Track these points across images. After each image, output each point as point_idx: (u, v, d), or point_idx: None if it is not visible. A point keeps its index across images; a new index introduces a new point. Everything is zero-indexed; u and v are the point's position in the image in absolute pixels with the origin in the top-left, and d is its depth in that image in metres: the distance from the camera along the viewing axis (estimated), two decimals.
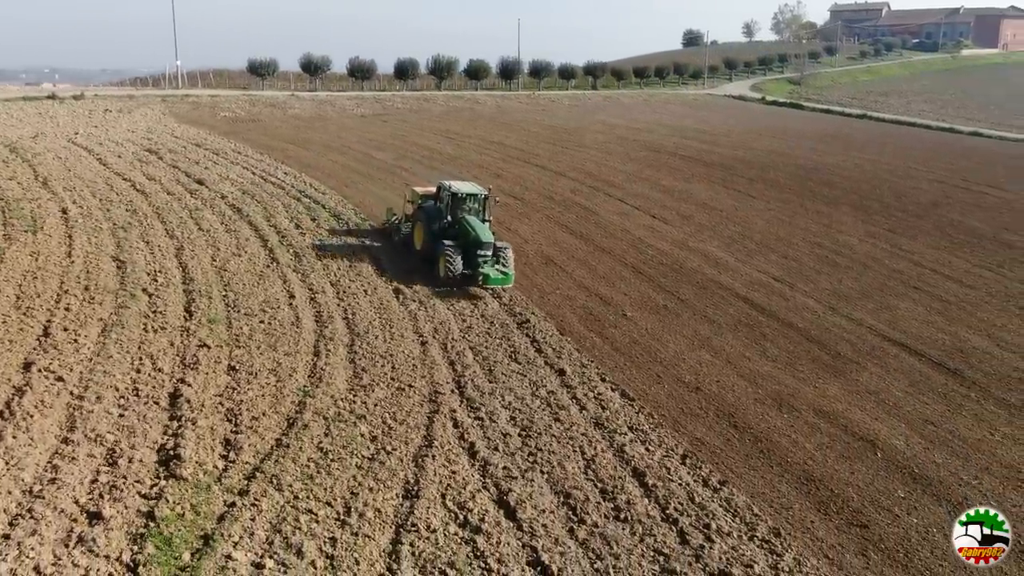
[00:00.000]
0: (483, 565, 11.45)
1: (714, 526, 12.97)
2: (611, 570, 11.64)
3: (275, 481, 12.93)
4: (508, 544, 12.00)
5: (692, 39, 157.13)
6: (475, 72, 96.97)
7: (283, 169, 39.97)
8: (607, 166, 46.13)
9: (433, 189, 27.39)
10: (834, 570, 12.24)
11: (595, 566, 11.74)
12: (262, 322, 20.13)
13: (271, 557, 10.99)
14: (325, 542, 11.56)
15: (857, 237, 33.21)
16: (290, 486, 12.87)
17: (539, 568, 11.55)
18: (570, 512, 13.13)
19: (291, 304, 21.63)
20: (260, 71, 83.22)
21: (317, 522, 12.01)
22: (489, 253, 24.36)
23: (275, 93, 76.44)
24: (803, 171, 47.49)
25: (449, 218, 25.57)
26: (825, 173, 46.94)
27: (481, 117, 68.03)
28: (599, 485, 14.03)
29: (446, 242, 24.38)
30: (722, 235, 32.55)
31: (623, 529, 12.74)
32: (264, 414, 15.30)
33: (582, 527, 12.71)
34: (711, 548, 12.36)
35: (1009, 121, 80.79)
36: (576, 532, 12.58)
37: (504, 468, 14.25)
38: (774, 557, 12.34)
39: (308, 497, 12.65)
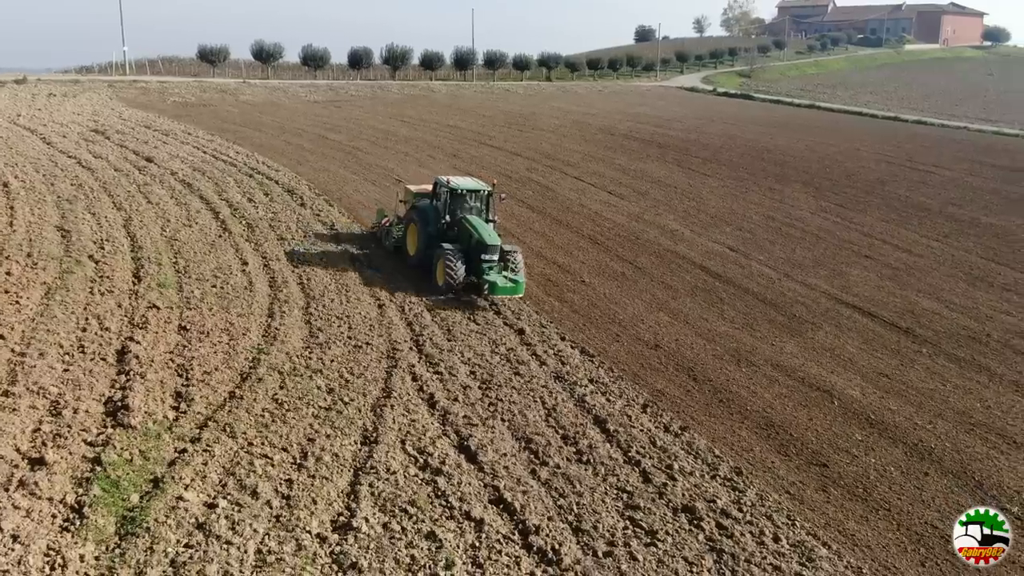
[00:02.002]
0: (444, 503, 11.26)
1: (676, 467, 12.97)
2: (574, 507, 11.54)
3: (228, 429, 12.56)
4: (470, 484, 11.82)
5: (644, 34, 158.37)
6: (430, 62, 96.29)
7: (235, 149, 39.08)
8: (563, 147, 46.11)
9: (428, 187, 23.92)
10: (796, 504, 12.31)
11: (558, 503, 11.63)
12: (214, 286, 19.63)
13: (224, 498, 10.64)
14: (281, 484, 11.25)
15: (809, 211, 33.69)
16: (244, 434, 12.51)
17: (501, 506, 11.40)
18: (532, 456, 13.01)
19: (244, 270, 21.14)
20: (211, 58, 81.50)
21: (272, 466, 11.70)
22: (495, 258, 20.82)
23: (226, 80, 74.91)
24: (755, 152, 48.07)
25: (448, 218, 21.97)
26: (777, 154, 47.57)
27: (436, 104, 67.53)
28: (560, 432, 13.95)
29: (445, 245, 20.96)
30: (677, 210, 32.74)
31: (586, 470, 12.66)
32: (216, 369, 14.87)
33: (544, 468, 12.59)
34: (674, 486, 12.35)
35: (950, 111, 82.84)
36: (538, 473, 12.46)
37: (464, 417, 14.07)
38: (736, 493, 12.37)
39: (263, 444, 12.31)
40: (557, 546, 10.44)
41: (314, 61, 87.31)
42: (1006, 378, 17.90)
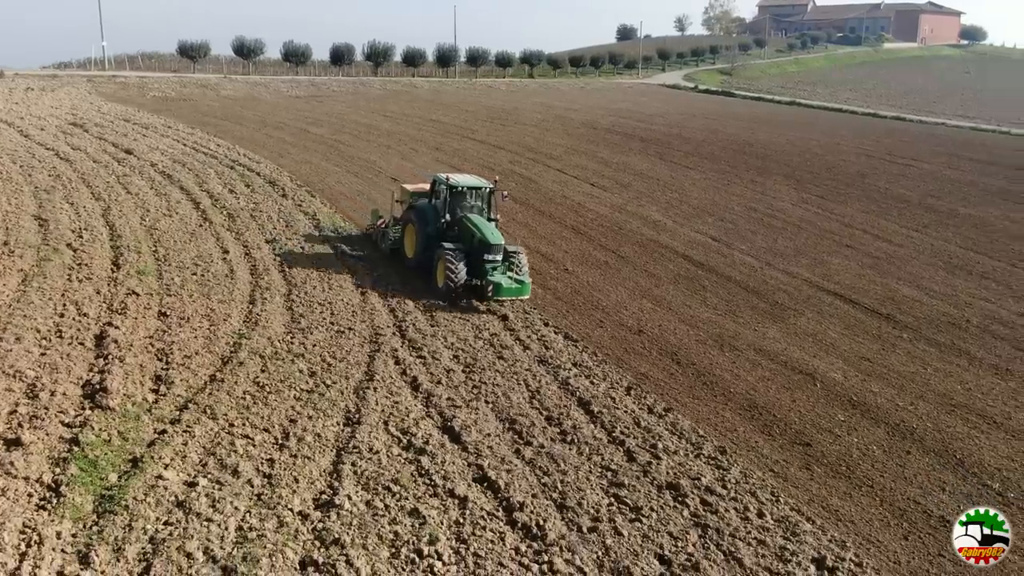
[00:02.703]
0: (428, 482, 11.18)
1: (661, 446, 12.96)
2: (559, 484, 11.50)
3: (209, 411, 12.43)
4: (453, 463, 11.75)
5: (626, 33, 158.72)
6: (412, 59, 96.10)
7: (216, 141, 38.80)
8: (545, 141, 46.11)
9: (426, 186, 22.75)
10: (780, 481, 12.33)
11: (542, 481, 11.59)
12: (195, 274, 19.45)
13: (205, 477, 10.52)
14: (262, 463, 11.14)
15: (790, 203, 33.86)
16: (225, 415, 12.39)
17: (485, 484, 11.34)
18: (516, 436, 12.96)
19: (225, 259, 20.97)
20: (191, 54, 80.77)
21: (254, 446, 11.58)
22: (499, 258, 19.78)
23: (207, 76, 74.32)
24: (737, 146, 48.28)
25: (448, 217, 20.83)
26: (758, 148, 47.80)
27: (419, 99, 67.36)
28: (544, 413, 13.91)
29: (446, 245, 19.84)
30: (660, 201, 32.80)
31: (570, 450, 12.62)
32: (197, 353, 14.73)
33: (528, 448, 12.55)
34: (658, 464, 12.33)
35: (928, 108, 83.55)
36: (522, 452, 12.41)
37: (448, 399, 14.00)
38: (720, 471, 12.37)
39: (244, 424, 12.20)
40: (542, 522, 10.40)
41: (295, 57, 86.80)
42: (985, 361, 18.04)
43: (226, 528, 9.46)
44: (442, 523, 10.19)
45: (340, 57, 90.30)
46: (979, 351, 18.63)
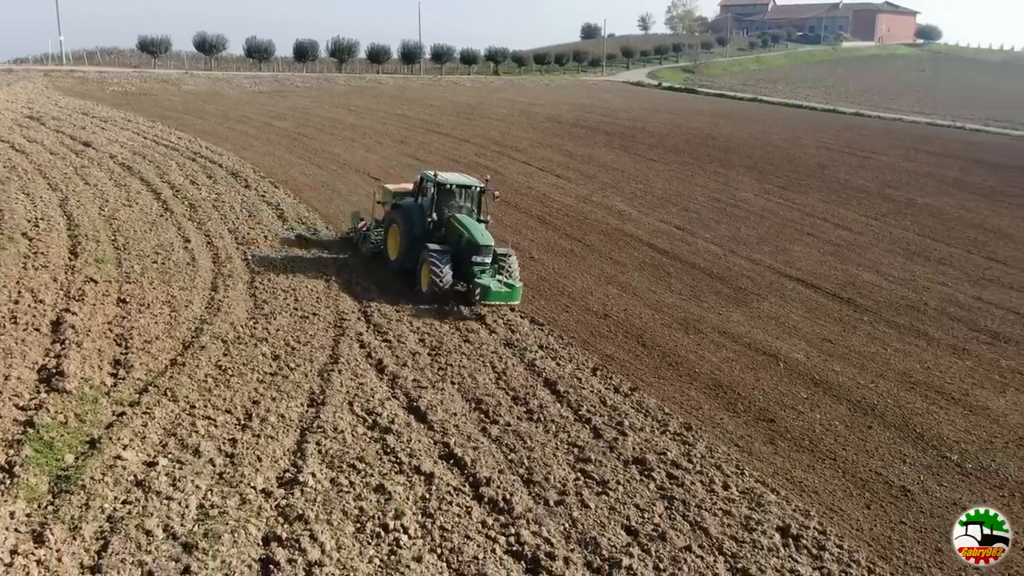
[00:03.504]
0: (394, 459, 11.10)
1: (627, 423, 13.00)
2: (525, 460, 11.48)
3: (169, 394, 12.21)
4: (419, 442, 11.68)
5: (590, 32, 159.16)
6: (376, 56, 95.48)
7: (177, 134, 38.23)
8: (511, 135, 46.13)
9: (409, 187, 21.61)
10: (744, 456, 12.44)
11: (509, 457, 11.56)
12: (155, 262, 19.12)
13: (165, 456, 10.32)
14: (224, 443, 10.96)
15: (752, 193, 34.25)
16: (186, 398, 12.17)
17: (452, 461, 11.29)
18: (482, 415, 12.93)
19: (186, 247, 20.64)
20: (151, 49, 79.43)
21: (216, 427, 11.40)
22: (488, 260, 18.56)
23: (168, 71, 73.21)
24: (700, 139, 48.75)
25: (435, 217, 19.52)
26: (721, 141, 48.30)
27: (383, 95, 66.99)
28: (511, 393, 13.89)
29: (431, 246, 18.61)
30: (624, 192, 32.98)
31: (536, 428, 12.62)
32: (157, 338, 14.47)
33: (495, 426, 12.52)
34: (624, 440, 12.37)
35: (886, 104, 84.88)
36: (489, 430, 12.38)
37: (414, 380, 13.92)
38: (686, 447, 12.44)
39: (206, 406, 12.00)
40: (508, 496, 10.37)
41: (259, 53, 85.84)
42: (943, 342, 18.39)
43: (187, 506, 9.29)
44: (408, 499, 10.11)
45: (304, 54, 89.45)
46: (937, 332, 18.99)
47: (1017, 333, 19.14)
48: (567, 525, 9.96)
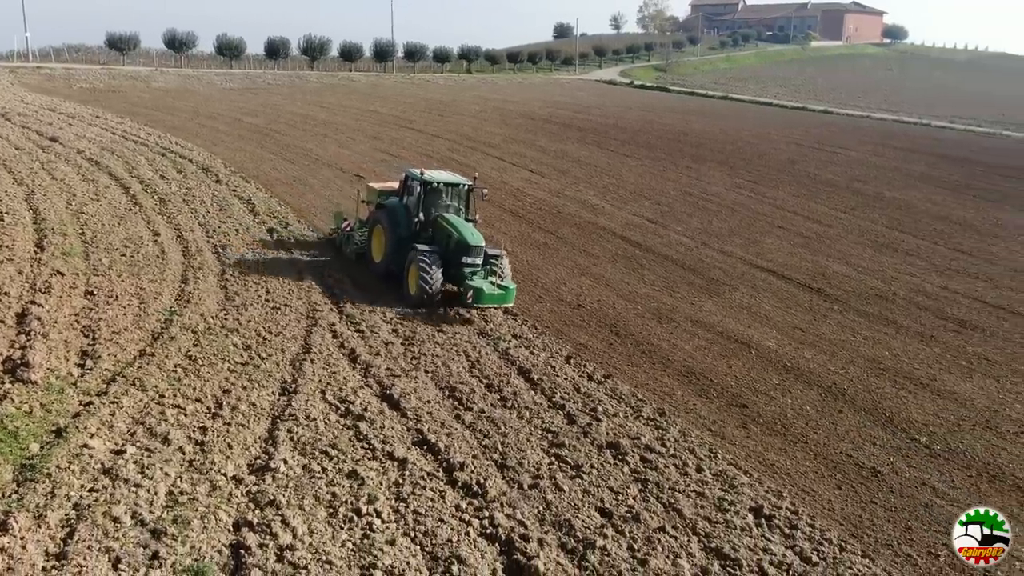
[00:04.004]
0: (367, 446, 11.02)
1: (600, 409, 13.03)
2: (499, 446, 11.46)
3: (138, 383, 12.02)
4: (393, 428, 11.62)
5: (563, 31, 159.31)
6: (349, 54, 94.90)
7: (146, 130, 37.73)
8: (484, 131, 46.06)
9: (395, 185, 20.69)
10: (717, 439, 12.51)
11: (483, 443, 11.53)
12: (123, 255, 18.84)
13: (133, 445, 10.15)
14: (194, 431, 10.81)
15: (724, 187, 34.51)
16: (155, 387, 11.99)
17: (425, 447, 11.24)
18: (456, 403, 12.90)
19: (156, 241, 20.38)
20: (120, 46, 78.19)
21: (185, 415, 11.24)
22: (479, 261, 17.79)
23: (137, 68, 72.17)
24: (672, 135, 49.03)
25: (421, 216, 18.63)
26: (693, 137, 48.62)
27: (356, 92, 66.63)
28: (484, 381, 13.88)
29: (419, 247, 17.70)
30: (597, 186, 33.07)
31: (510, 414, 12.61)
32: (126, 329, 14.25)
33: (468, 413, 12.50)
34: (599, 426, 12.40)
35: (854, 102, 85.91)
36: (462, 417, 12.35)
37: (387, 369, 13.85)
38: (660, 431, 12.49)
39: (175, 395, 11.83)
40: (482, 480, 10.34)
41: (230, 51, 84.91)
42: (911, 330, 18.64)
43: (155, 493, 9.15)
44: (381, 484, 10.05)
45: (276, 51, 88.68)
46: (905, 320, 19.25)
47: (983, 321, 19.46)
48: (541, 508, 9.95)
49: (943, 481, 11.74)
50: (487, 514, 9.63)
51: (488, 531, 9.32)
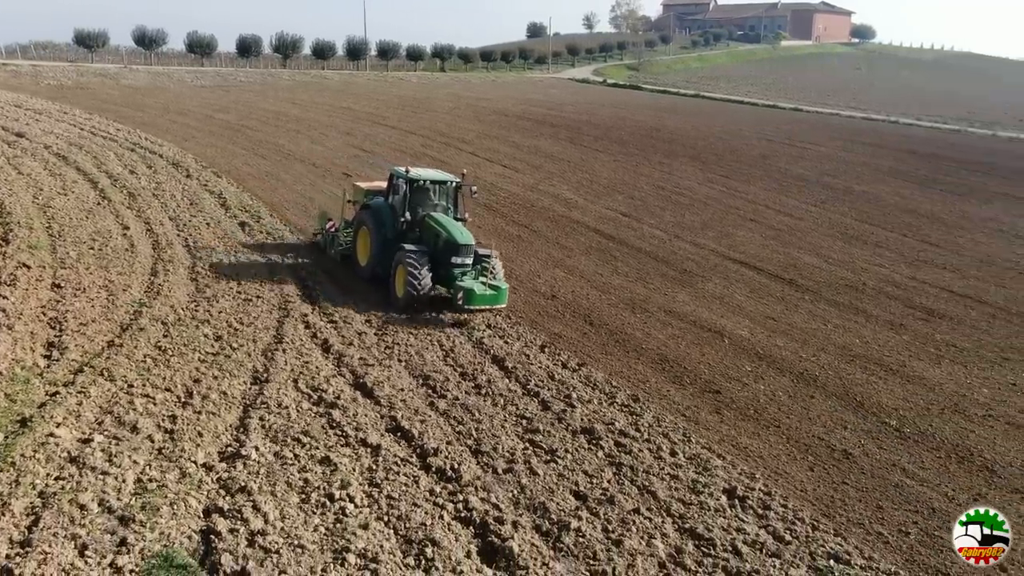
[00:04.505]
0: (340, 433, 10.94)
1: (575, 396, 13.05)
2: (473, 432, 11.43)
3: (106, 374, 11.83)
4: (366, 416, 11.54)
5: (536, 31, 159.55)
6: (321, 52, 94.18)
7: (115, 126, 37.19)
8: (457, 127, 45.97)
9: (382, 185, 19.87)
10: (691, 424, 12.56)
11: (456, 429, 11.49)
12: (92, 248, 18.55)
13: (101, 434, 9.99)
14: (164, 420, 10.66)
15: (696, 182, 34.72)
16: (123, 377, 11.82)
17: (399, 433, 11.18)
18: (430, 391, 12.85)
19: (125, 234, 20.10)
20: (88, 43, 76.80)
21: (155, 404, 11.08)
22: (469, 261, 17.15)
23: (106, 66, 71.08)
24: (645, 131, 49.25)
25: (408, 216, 17.96)
26: (665, 133, 48.89)
27: (329, 89, 66.15)
28: (459, 370, 13.85)
29: (406, 247, 16.96)
30: (571, 181, 33.13)
31: (485, 401, 12.58)
32: (94, 321, 14.03)
33: (442, 401, 12.45)
34: (573, 412, 12.41)
35: (823, 100, 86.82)
36: (436, 404, 12.30)
37: (360, 359, 13.76)
38: (634, 417, 12.52)
39: (144, 385, 11.66)
40: (456, 465, 10.29)
41: (201, 49, 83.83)
42: (881, 318, 18.87)
43: (123, 480, 9.00)
44: (354, 470, 9.97)
45: (247, 49, 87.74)
46: (875, 309, 19.48)
47: (950, 309, 19.74)
48: (516, 492, 9.93)
49: (913, 462, 11.88)
50: (461, 498, 9.59)
51: (462, 514, 9.28)
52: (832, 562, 9.10)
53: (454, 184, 18.80)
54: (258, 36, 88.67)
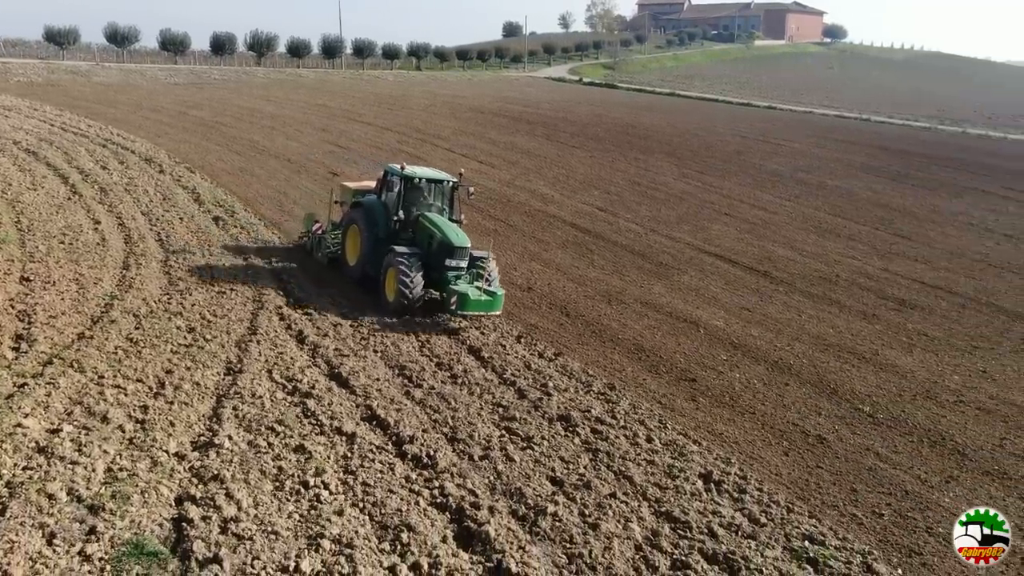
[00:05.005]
0: (314, 422, 10.84)
1: (551, 384, 13.05)
2: (449, 420, 11.39)
3: (76, 365, 11.65)
4: (341, 405, 11.45)
5: (512, 30, 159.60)
6: (297, 50, 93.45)
7: (87, 122, 36.69)
8: (433, 124, 45.85)
9: (371, 184, 19.19)
10: (667, 412, 12.61)
11: (433, 418, 11.44)
12: (62, 243, 18.28)
13: (71, 424, 9.82)
14: (135, 410, 10.50)
15: (672, 177, 34.90)
16: (94, 368, 11.64)
17: (375, 422, 11.10)
18: (405, 380, 12.79)
19: (96, 229, 19.84)
20: (59, 40, 75.61)
21: (126, 395, 10.92)
22: (464, 264, 16.29)
23: (77, 63, 70.10)
24: (621, 128, 49.43)
25: (401, 215, 17.13)
26: (641, 130, 49.08)
27: (304, 87, 65.69)
28: (435, 360, 13.81)
29: (398, 248, 16.13)
30: (547, 176, 33.16)
31: (461, 390, 12.55)
32: (64, 313, 13.82)
33: (418, 390, 12.40)
34: (549, 400, 12.41)
35: (797, 99, 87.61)
36: (412, 394, 12.25)
37: (335, 349, 13.67)
38: (610, 405, 12.54)
39: (115, 376, 11.48)
40: (432, 453, 10.25)
41: (174, 46, 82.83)
42: (854, 309, 19.06)
43: (93, 470, 8.84)
44: (329, 457, 9.88)
45: (222, 47, 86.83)
46: (848, 300, 19.68)
47: (922, 300, 19.99)
48: (492, 478, 9.91)
49: (886, 447, 12.01)
50: (437, 484, 9.54)
51: (438, 500, 9.23)
52: (807, 543, 9.16)
53: (451, 184, 17.98)
54: (232, 34, 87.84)
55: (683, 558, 8.61)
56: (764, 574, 8.46)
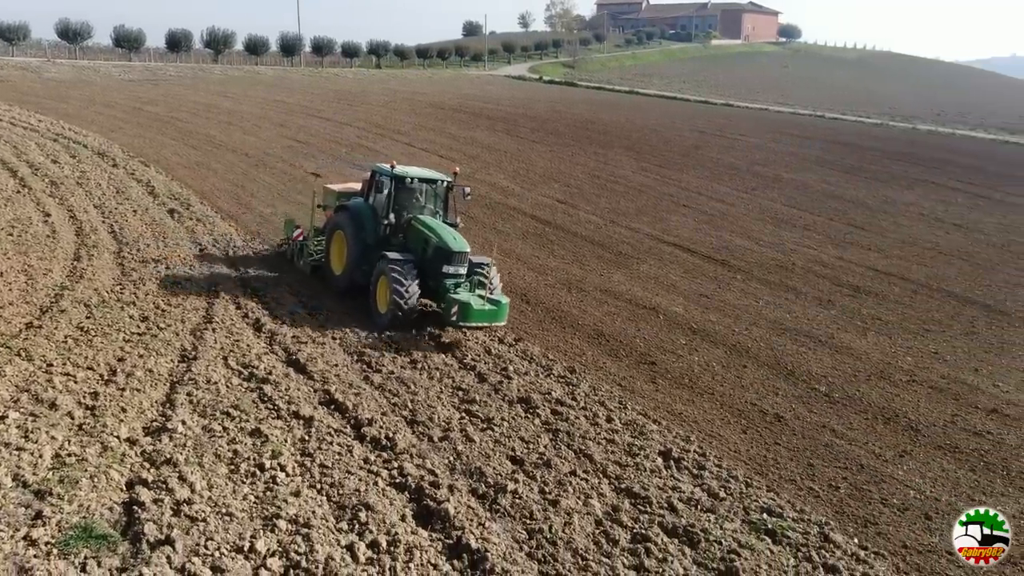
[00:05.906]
0: (271, 406, 10.69)
1: (511, 368, 13.05)
2: (409, 403, 11.31)
3: (24, 354, 11.36)
4: (299, 390, 11.31)
5: (472, 29, 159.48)
6: (255, 47, 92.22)
7: (37, 117, 35.86)
8: (393, 119, 45.60)
9: (357, 186, 17.83)
10: (627, 393, 12.67)
11: (392, 401, 11.37)
12: (10, 235, 17.84)
13: (16, 411, 9.55)
14: (85, 397, 10.26)
15: (631, 171, 35.12)
16: (42, 357, 11.36)
17: (333, 406, 10.99)
18: (364, 366, 12.70)
19: (46, 221, 19.39)
20: (8, 36, 73.65)
21: (75, 382, 10.66)
22: (463, 271, 14.93)
23: (27, 59, 68.44)
24: (580, 123, 49.64)
25: (392, 218, 15.73)
26: (600, 125, 49.35)
27: (262, 83, 64.88)
28: (394, 346, 13.71)
29: (391, 255, 14.84)
30: (507, 170, 33.15)
31: (420, 375, 12.48)
32: (11, 304, 13.47)
33: (377, 375, 12.31)
34: (509, 383, 12.39)
35: (753, 97, 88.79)
36: (371, 379, 12.16)
37: (293, 337, 13.50)
38: (570, 387, 12.57)
39: (64, 364, 11.22)
40: (391, 435, 10.16)
41: (128, 43, 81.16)
42: (809, 295, 19.33)
43: (40, 456, 8.60)
44: (286, 441, 9.75)
45: (177, 44, 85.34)
46: (804, 287, 19.95)
47: (875, 286, 20.34)
48: (452, 458, 9.86)
49: (842, 424, 12.19)
50: (396, 465, 9.46)
51: (397, 480, 9.16)
52: (765, 515, 9.25)
53: (445, 184, 16.57)
54: (188, 31, 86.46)
55: (643, 531, 8.64)
56: (723, 545, 8.52)
